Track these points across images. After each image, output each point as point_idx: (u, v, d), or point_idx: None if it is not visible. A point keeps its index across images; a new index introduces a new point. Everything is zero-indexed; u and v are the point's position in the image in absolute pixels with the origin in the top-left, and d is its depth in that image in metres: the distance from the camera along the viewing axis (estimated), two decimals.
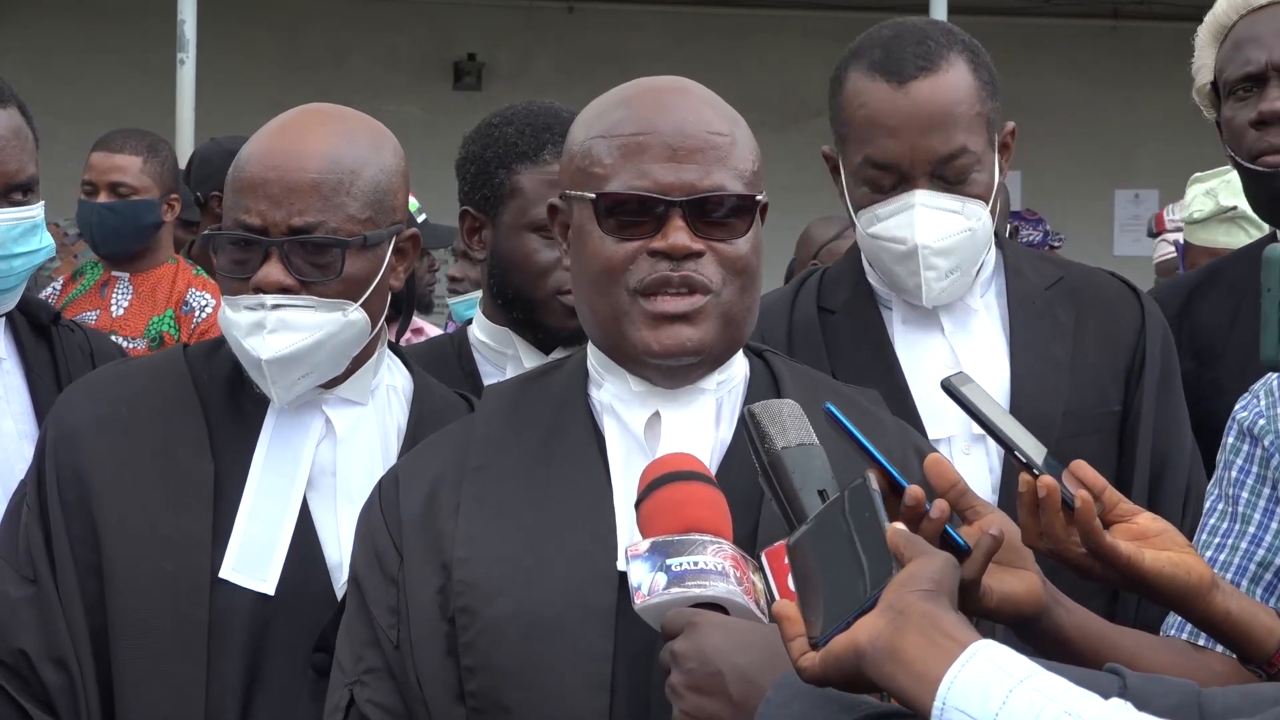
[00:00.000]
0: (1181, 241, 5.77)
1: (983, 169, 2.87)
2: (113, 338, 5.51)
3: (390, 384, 2.63)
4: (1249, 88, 3.09)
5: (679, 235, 2.14)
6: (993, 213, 2.92)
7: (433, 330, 6.03)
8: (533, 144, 3.12)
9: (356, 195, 2.48)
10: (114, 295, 5.78)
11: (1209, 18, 3.16)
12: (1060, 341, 2.95)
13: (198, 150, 6.26)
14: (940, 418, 2.84)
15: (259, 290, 2.45)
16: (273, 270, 2.44)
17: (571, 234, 2.23)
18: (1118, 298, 3.05)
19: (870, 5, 13.30)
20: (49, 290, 5.73)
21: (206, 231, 2.53)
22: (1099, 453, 2.84)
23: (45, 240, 2.96)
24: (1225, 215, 5.47)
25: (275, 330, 2.44)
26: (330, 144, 2.48)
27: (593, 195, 2.16)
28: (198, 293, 5.82)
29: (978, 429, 2.79)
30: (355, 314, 2.49)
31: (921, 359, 2.93)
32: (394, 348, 2.70)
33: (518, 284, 3.13)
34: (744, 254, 2.19)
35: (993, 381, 2.90)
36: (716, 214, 2.16)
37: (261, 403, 2.56)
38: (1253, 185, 3.13)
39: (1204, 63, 3.20)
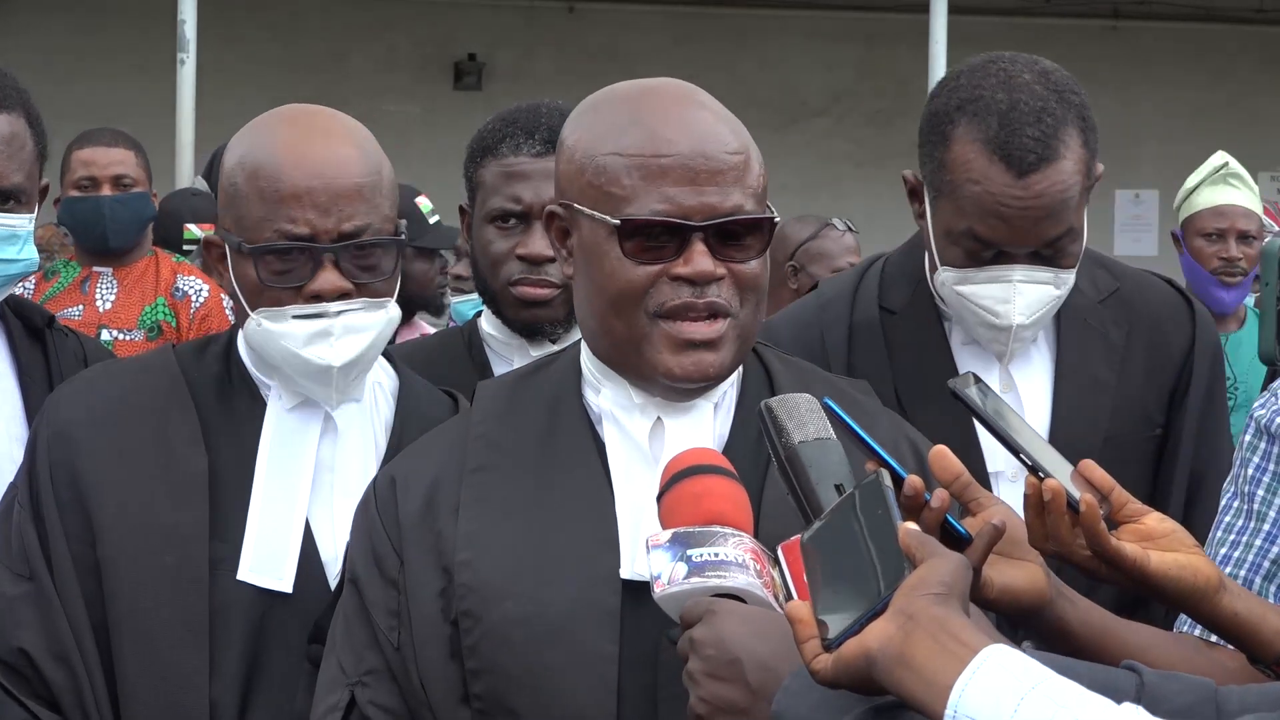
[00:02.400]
0: (1179, 232, 5.86)
1: (1078, 237, 2.83)
2: (104, 332, 5.54)
3: (376, 380, 2.63)
4: None
5: (703, 261, 2.11)
6: None
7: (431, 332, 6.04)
8: (495, 138, 3.16)
9: (386, 195, 2.51)
10: (98, 290, 5.78)
11: None
12: (1108, 363, 2.94)
13: (222, 150, 6.29)
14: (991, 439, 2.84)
15: (316, 298, 2.46)
16: (331, 277, 2.45)
17: (579, 248, 2.19)
18: (1171, 312, 3.02)
19: (870, 5, 13.34)
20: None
21: (250, 248, 2.49)
22: (1138, 477, 2.84)
23: (27, 253, 2.91)
24: (1216, 175, 5.61)
25: (342, 337, 2.46)
26: (355, 146, 2.51)
27: (616, 221, 2.12)
28: (186, 278, 5.86)
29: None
30: (393, 309, 2.53)
31: (976, 370, 2.85)
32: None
33: (482, 275, 3.18)
34: (758, 273, 2.17)
35: (1037, 403, 2.91)
36: (736, 236, 2.14)
37: (254, 398, 2.56)
38: None
39: None
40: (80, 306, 5.72)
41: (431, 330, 6.13)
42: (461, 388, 2.72)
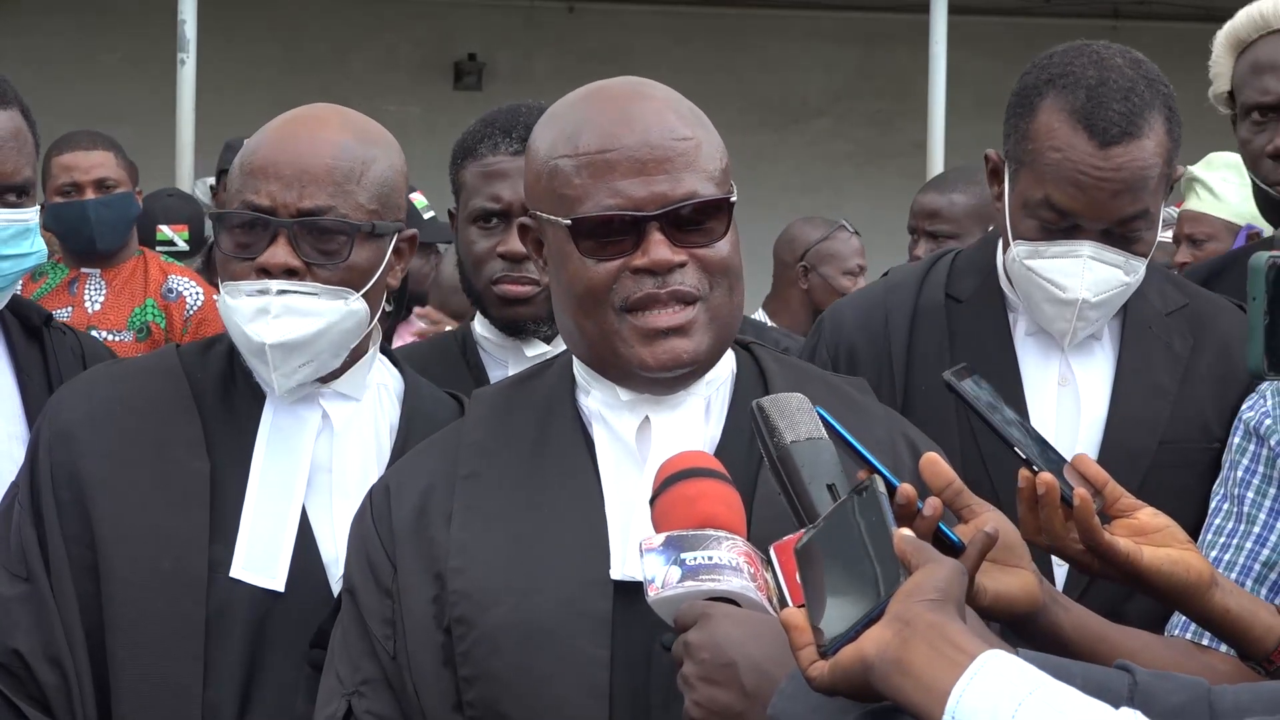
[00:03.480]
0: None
1: (1153, 225, 2.87)
2: (93, 333, 5.55)
3: (381, 382, 2.63)
4: (1265, 115, 3.18)
5: (660, 250, 2.11)
6: None
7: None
8: (474, 140, 3.19)
9: (366, 186, 2.49)
10: (86, 291, 5.80)
11: (1228, 27, 3.22)
12: (1170, 371, 2.95)
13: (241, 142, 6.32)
14: (1044, 431, 2.85)
15: (264, 272, 2.45)
16: (279, 251, 2.44)
17: (548, 254, 2.21)
18: (1240, 332, 3.04)
19: (870, 5, 13.33)
20: None
21: (212, 211, 2.51)
22: (1193, 487, 2.83)
23: (37, 245, 2.95)
24: (1185, 184, 5.73)
25: (280, 316, 2.44)
26: (344, 135, 2.51)
27: (567, 221, 2.14)
28: (177, 278, 5.87)
29: (1079, 442, 2.82)
30: (356, 304, 2.49)
31: (1038, 367, 2.96)
32: (383, 348, 2.70)
33: (467, 277, 3.20)
34: (725, 255, 2.17)
35: (1095, 401, 2.92)
36: (693, 222, 2.14)
37: (257, 400, 2.55)
38: (1267, 205, 3.21)
39: (1220, 71, 3.27)
40: (69, 308, 5.73)
41: (424, 326, 6.13)
42: (458, 391, 2.72)
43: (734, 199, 2.18)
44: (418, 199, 5.84)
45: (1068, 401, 2.92)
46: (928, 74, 9.00)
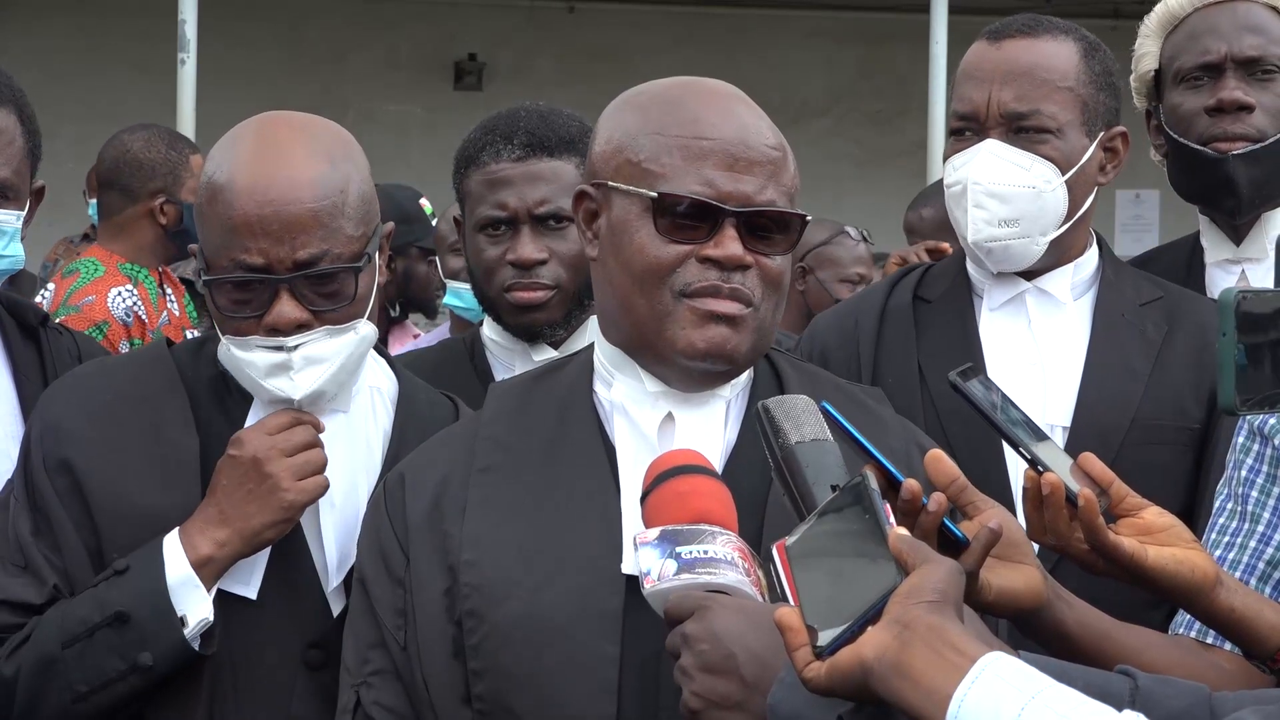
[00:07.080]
0: None
1: (1063, 142, 2.93)
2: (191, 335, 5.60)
3: (374, 385, 2.60)
4: (1202, 77, 3.19)
5: (734, 245, 2.13)
6: (1077, 194, 2.95)
7: (420, 334, 6.05)
8: (476, 147, 3.18)
9: (350, 214, 2.42)
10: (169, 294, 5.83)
11: (1159, 9, 3.28)
12: (1143, 354, 2.96)
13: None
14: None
15: (274, 330, 2.40)
16: (286, 309, 2.38)
17: (608, 227, 2.20)
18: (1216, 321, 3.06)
19: (870, 5, 13.33)
20: (130, 299, 5.54)
21: (206, 278, 2.43)
22: (1169, 465, 2.86)
23: (13, 250, 2.89)
24: None
25: (301, 369, 2.41)
26: (317, 166, 2.42)
27: (654, 194, 2.14)
28: None
29: (1047, 419, 2.84)
30: (365, 328, 2.46)
31: (1004, 345, 2.98)
32: (379, 350, 2.66)
33: (478, 283, 3.20)
34: (783, 270, 2.19)
35: (1064, 381, 2.94)
36: (766, 229, 2.16)
37: (248, 403, 2.54)
38: (1199, 170, 3.19)
39: (1148, 51, 3.30)
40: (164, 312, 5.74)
41: (421, 333, 6.13)
42: (465, 395, 2.71)
43: (809, 219, 2.21)
44: (426, 205, 5.83)
45: (1034, 384, 2.93)
46: (928, 74, 9.00)
